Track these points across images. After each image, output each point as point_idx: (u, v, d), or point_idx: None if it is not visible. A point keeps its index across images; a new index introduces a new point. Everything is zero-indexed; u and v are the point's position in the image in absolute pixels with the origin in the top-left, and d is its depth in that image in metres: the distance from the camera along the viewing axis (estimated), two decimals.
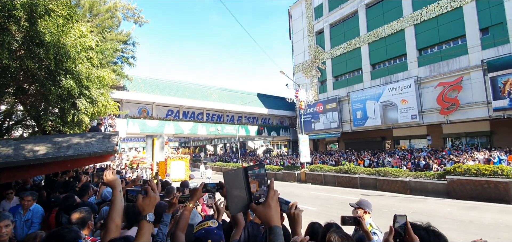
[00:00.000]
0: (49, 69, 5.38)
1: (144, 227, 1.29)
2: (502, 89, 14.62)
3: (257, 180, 0.97)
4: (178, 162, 17.03)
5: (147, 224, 1.30)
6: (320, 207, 10.59)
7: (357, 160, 19.25)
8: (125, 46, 13.21)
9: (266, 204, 0.93)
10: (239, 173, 0.95)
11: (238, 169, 0.96)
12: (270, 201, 0.94)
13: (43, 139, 5.06)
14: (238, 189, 0.94)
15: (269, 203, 0.93)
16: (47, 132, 7.00)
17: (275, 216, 0.93)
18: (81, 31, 6.17)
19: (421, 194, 12.47)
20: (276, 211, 0.94)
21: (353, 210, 2.88)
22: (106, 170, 1.73)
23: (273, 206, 0.93)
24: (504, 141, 15.88)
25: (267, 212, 0.92)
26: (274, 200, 0.95)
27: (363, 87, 22.43)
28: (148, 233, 1.29)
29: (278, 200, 0.99)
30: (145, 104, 22.45)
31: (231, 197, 0.93)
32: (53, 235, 1.46)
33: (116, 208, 1.52)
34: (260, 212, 0.92)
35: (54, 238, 1.43)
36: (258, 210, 0.92)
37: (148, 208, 1.34)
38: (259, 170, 0.98)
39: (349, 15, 24.19)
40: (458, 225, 7.52)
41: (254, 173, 0.97)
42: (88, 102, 6.26)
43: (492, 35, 15.81)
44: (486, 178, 10.67)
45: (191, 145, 47.63)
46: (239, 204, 0.93)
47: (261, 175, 0.98)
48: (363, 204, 2.82)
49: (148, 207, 1.34)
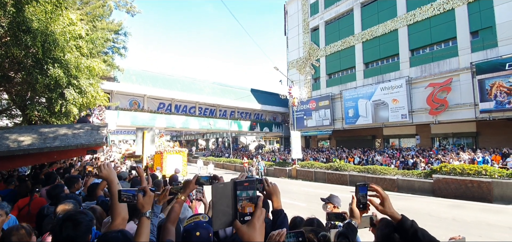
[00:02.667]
0: (36, 57, 5.24)
1: (145, 223, 1.38)
2: (489, 91, 15.00)
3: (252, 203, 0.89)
4: (175, 156, 15.93)
5: (147, 220, 1.39)
6: (309, 203, 10.73)
7: (348, 158, 19.51)
8: (116, 36, 12.95)
9: (251, 224, 0.86)
10: (227, 187, 0.88)
11: (227, 182, 0.90)
12: (256, 221, 0.86)
13: (28, 129, 4.94)
14: (225, 204, 0.87)
15: (254, 224, 0.86)
16: (33, 122, 6.83)
17: (258, 238, 0.85)
18: (71, 19, 6.01)
19: (408, 192, 12.76)
20: (261, 233, 0.87)
21: (323, 204, 3.02)
22: (101, 164, 1.72)
23: (258, 227, 0.86)
24: (489, 142, 16.36)
25: (251, 233, 0.84)
26: (260, 220, 0.87)
27: (355, 85, 22.66)
28: (148, 229, 1.39)
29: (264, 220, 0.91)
30: (136, 96, 22.13)
31: (216, 212, 0.86)
32: (69, 219, 1.47)
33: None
34: (244, 232, 0.85)
35: (71, 222, 1.45)
36: (241, 230, 0.85)
37: (147, 205, 1.43)
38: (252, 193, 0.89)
39: (344, 13, 24.29)
40: (441, 223, 7.75)
41: (247, 195, 0.88)
42: (77, 93, 6.14)
43: (482, 38, 16.16)
44: (470, 178, 10.99)
45: (182, 139, 47.34)
46: (223, 219, 0.86)
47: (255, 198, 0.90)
48: (332, 199, 2.98)
49: (147, 204, 1.43)
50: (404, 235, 1.28)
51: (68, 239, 1.41)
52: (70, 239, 1.41)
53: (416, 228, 1.25)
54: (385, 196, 1.38)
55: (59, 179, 4.40)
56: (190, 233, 1.44)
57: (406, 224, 1.28)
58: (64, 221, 1.45)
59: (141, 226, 1.37)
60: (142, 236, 1.35)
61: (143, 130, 6.89)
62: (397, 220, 1.31)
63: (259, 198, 0.90)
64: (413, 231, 1.25)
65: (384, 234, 1.32)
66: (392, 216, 1.33)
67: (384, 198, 1.37)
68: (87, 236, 1.50)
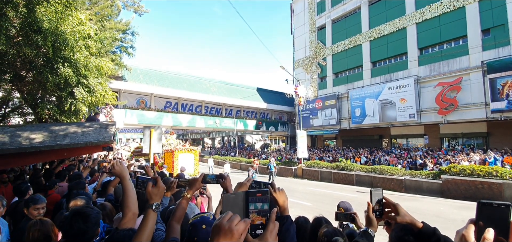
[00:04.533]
0: (47, 56, 5.35)
1: (150, 215, 1.32)
2: (500, 90, 14.66)
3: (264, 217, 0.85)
4: (187, 155, 15.26)
5: (153, 213, 1.34)
6: (315, 203, 10.69)
7: (354, 157, 19.34)
8: (124, 36, 13.12)
9: (263, 239, 0.81)
10: (239, 197, 0.85)
11: (239, 193, 0.89)
12: (268, 235, 0.81)
13: (39, 127, 5.05)
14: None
15: (267, 238, 0.81)
16: (43, 120, 6.98)
17: None
18: (80, 19, 6.11)
19: (416, 192, 12.58)
20: None
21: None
22: (114, 161, 1.76)
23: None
24: (500, 142, 15.99)
25: None
26: (273, 234, 0.82)
27: (362, 84, 22.42)
28: (152, 221, 1.33)
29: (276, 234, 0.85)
30: (143, 95, 22.38)
31: None
32: (78, 213, 1.51)
33: (130, 196, 1.56)
34: None
35: (80, 216, 1.49)
36: None
37: (156, 197, 1.39)
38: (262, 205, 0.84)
39: (351, 11, 24.04)
40: (450, 224, 7.62)
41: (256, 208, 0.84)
42: (86, 91, 6.24)
43: (493, 36, 15.78)
44: (480, 179, 10.77)
45: (189, 138, 47.67)
46: None
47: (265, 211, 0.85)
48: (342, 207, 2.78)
49: (156, 196, 1.39)
50: None
51: (79, 232, 1.45)
52: (81, 232, 1.45)
53: (439, 237, 1.17)
54: (395, 204, 1.31)
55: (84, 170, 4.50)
56: (196, 227, 1.45)
57: (428, 232, 1.20)
58: (73, 216, 1.49)
59: (146, 218, 1.31)
60: (146, 230, 1.29)
61: (150, 129, 6.96)
62: (418, 228, 1.22)
63: (272, 211, 0.86)
64: (435, 240, 1.17)
65: (399, 237, 1.28)
66: (412, 224, 1.24)
67: (395, 206, 1.31)
68: (96, 228, 1.55)
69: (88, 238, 1.48)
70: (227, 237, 0.73)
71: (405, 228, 1.27)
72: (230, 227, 0.74)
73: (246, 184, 1.68)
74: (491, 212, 0.74)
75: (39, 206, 2.69)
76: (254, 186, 1.53)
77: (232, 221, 0.75)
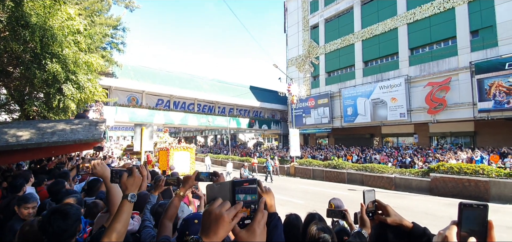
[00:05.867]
0: (35, 52, 5.22)
1: (125, 205, 1.24)
2: (487, 91, 15.04)
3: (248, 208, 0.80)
4: (182, 153, 14.67)
5: (128, 203, 1.25)
6: (307, 201, 10.77)
7: (346, 156, 19.57)
8: (115, 32, 12.90)
9: (250, 230, 0.77)
10: (225, 187, 0.80)
11: (225, 182, 0.83)
12: (256, 226, 0.77)
13: (27, 124, 4.93)
14: None
15: (254, 229, 0.77)
16: (31, 117, 6.81)
17: None
18: (69, 14, 5.98)
19: (406, 190, 12.83)
20: (262, 239, 0.78)
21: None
22: (94, 161, 1.71)
23: (258, 233, 0.77)
24: (487, 142, 16.44)
25: (250, 239, 0.76)
26: (261, 225, 0.78)
27: (355, 84, 22.67)
28: (128, 212, 1.24)
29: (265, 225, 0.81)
30: (134, 93, 22.05)
31: None
32: (58, 211, 1.47)
33: (115, 195, 1.52)
34: (242, 237, 0.77)
35: (59, 214, 1.44)
36: (240, 235, 0.77)
37: (131, 187, 1.30)
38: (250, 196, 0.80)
39: (344, 10, 24.23)
40: (438, 221, 7.80)
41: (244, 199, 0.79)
42: (75, 88, 6.11)
43: (482, 37, 16.16)
44: (467, 177, 11.06)
45: (181, 136, 47.30)
46: None
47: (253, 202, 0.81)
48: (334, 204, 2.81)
49: (131, 186, 1.30)
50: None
51: (58, 230, 1.41)
52: (60, 230, 1.41)
53: (429, 236, 1.19)
54: (386, 205, 1.32)
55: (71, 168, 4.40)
56: (188, 222, 1.44)
57: (418, 232, 1.21)
58: (52, 214, 1.44)
59: (121, 208, 1.23)
60: (120, 220, 1.20)
61: (142, 127, 6.85)
62: (408, 228, 1.24)
63: (261, 201, 0.82)
64: (426, 239, 1.18)
65: (378, 234, 1.31)
66: (402, 224, 1.24)
67: (385, 207, 1.31)
68: (77, 226, 1.50)
69: (68, 236, 1.44)
70: (218, 223, 0.72)
71: (382, 225, 1.29)
72: (220, 212, 0.72)
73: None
74: (472, 213, 0.78)
75: (29, 205, 2.63)
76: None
77: (223, 206, 0.73)
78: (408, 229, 1.24)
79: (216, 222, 0.72)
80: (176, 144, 14.96)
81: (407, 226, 1.24)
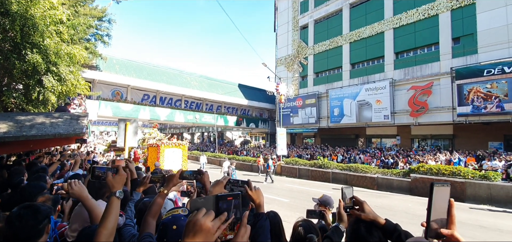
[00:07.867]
0: (14, 41, 5.01)
1: (114, 202, 1.32)
2: (466, 96, 15.71)
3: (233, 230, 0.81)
4: (174, 150, 13.99)
5: (117, 200, 1.34)
6: (292, 199, 10.89)
7: (331, 155, 19.91)
8: (99, 23, 12.51)
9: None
10: (208, 201, 0.79)
11: (208, 197, 0.83)
12: (239, 240, 0.78)
13: (4, 116, 4.71)
14: None
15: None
16: (9, 109, 6.51)
17: None
18: (52, 3, 5.74)
19: (387, 190, 13.22)
20: None
21: (315, 204, 2.94)
22: (70, 180, 1.63)
23: None
24: (464, 145, 17.18)
25: None
26: (244, 239, 0.79)
27: (342, 85, 23.07)
28: (117, 208, 1.33)
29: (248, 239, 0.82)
30: (119, 87, 21.48)
31: None
32: (28, 207, 1.42)
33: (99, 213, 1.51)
34: None
35: (30, 209, 1.40)
36: None
37: (117, 185, 1.38)
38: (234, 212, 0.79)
39: (333, 12, 24.57)
40: (417, 220, 8.08)
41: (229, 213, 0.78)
42: (56, 80, 5.89)
43: (463, 44, 16.82)
44: (445, 178, 11.52)
45: (167, 132, 46.54)
46: None
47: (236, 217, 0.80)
48: (325, 201, 2.87)
49: (117, 184, 1.38)
50: (389, 238, 1.31)
51: (26, 227, 1.35)
52: (29, 227, 1.36)
53: (400, 232, 1.30)
54: (362, 202, 1.39)
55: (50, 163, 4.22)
56: (167, 226, 1.43)
57: (390, 228, 1.31)
58: (21, 210, 1.38)
59: (110, 206, 1.30)
60: (111, 217, 1.27)
61: (126, 122, 6.64)
62: (381, 224, 1.32)
63: (244, 215, 0.82)
64: (397, 235, 1.29)
65: (354, 229, 1.36)
66: (375, 221, 1.32)
67: (362, 203, 1.38)
68: (46, 223, 1.45)
69: (37, 232, 1.38)
70: (202, 235, 0.70)
71: (357, 221, 1.36)
72: (205, 223, 0.70)
73: (222, 182, 1.67)
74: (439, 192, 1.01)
75: None
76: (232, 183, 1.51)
77: (207, 217, 0.72)
78: (381, 225, 1.32)
79: (200, 232, 0.70)
80: (167, 141, 14.30)
81: (380, 223, 1.32)
